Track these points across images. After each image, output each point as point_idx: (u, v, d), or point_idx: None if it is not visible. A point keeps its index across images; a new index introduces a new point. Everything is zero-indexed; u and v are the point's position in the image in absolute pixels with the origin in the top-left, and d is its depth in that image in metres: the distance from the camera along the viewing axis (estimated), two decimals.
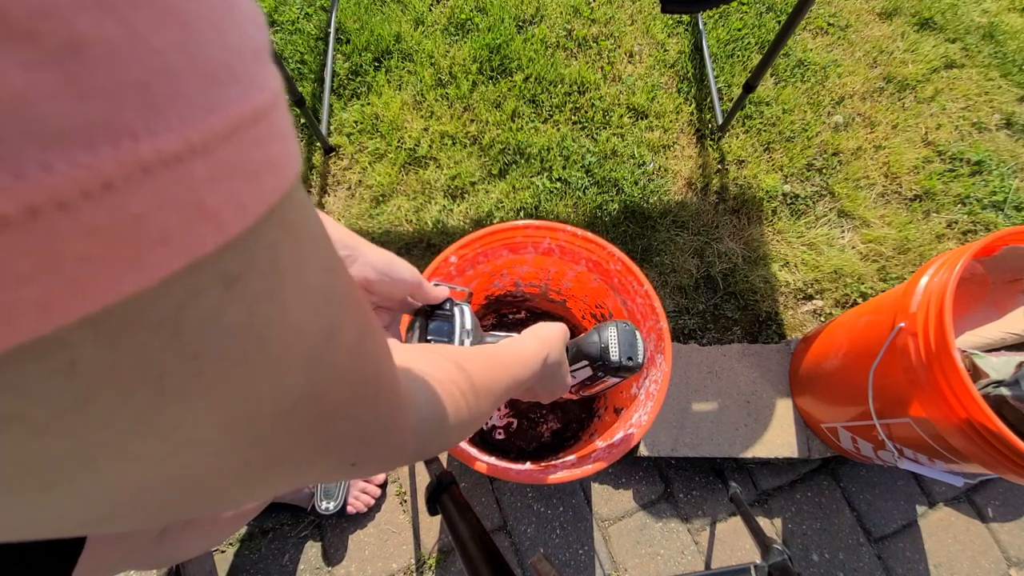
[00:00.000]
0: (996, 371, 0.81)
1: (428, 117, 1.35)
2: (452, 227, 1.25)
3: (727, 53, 1.46)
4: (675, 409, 1.09)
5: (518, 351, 0.48)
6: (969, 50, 1.53)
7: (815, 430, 1.08)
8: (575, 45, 1.45)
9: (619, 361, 0.61)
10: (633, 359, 0.62)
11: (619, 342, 0.62)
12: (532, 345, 0.50)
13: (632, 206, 1.28)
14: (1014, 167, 1.38)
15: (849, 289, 1.24)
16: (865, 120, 1.43)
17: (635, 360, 0.62)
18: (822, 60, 1.48)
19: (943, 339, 0.71)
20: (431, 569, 1.02)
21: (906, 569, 1.06)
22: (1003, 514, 1.11)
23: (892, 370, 0.81)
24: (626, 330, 0.63)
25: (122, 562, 0.56)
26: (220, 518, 0.72)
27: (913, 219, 1.32)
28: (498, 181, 1.29)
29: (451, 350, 0.40)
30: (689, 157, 1.35)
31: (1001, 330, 0.93)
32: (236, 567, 1.00)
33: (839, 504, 1.11)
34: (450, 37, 1.43)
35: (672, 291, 1.23)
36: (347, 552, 1.02)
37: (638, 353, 0.63)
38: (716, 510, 1.09)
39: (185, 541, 0.66)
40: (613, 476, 1.10)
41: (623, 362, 0.62)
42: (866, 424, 0.90)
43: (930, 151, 1.40)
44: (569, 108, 1.38)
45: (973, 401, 0.68)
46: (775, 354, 1.16)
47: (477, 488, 1.08)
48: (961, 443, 0.73)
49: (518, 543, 1.04)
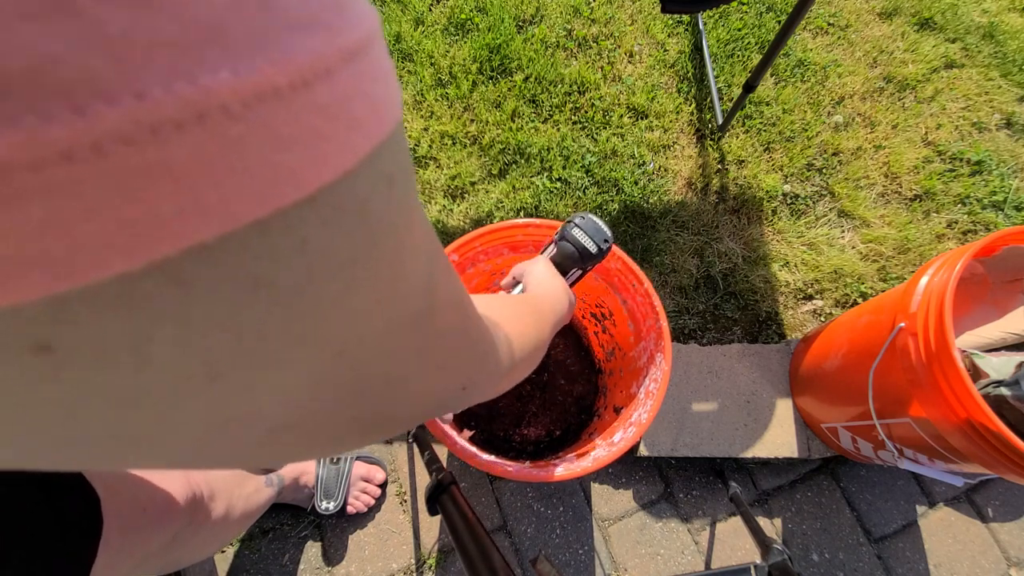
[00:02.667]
0: (996, 371, 0.81)
1: (428, 117, 1.35)
2: (452, 227, 1.25)
3: (727, 53, 1.46)
4: (675, 409, 1.09)
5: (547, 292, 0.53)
6: (969, 50, 1.53)
7: (815, 430, 1.08)
8: (575, 45, 1.45)
9: (599, 249, 0.67)
10: (608, 239, 0.67)
11: (588, 234, 0.67)
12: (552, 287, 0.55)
13: (632, 206, 1.28)
14: (1014, 167, 1.38)
15: (849, 289, 1.24)
16: (865, 120, 1.43)
17: (609, 240, 0.67)
18: (822, 60, 1.48)
19: (943, 339, 0.71)
20: (431, 569, 1.02)
21: (906, 569, 1.06)
22: (1003, 514, 1.11)
23: (892, 370, 0.81)
24: (585, 221, 0.68)
25: (136, 568, 0.56)
26: (230, 518, 0.73)
27: (913, 219, 1.32)
28: (498, 181, 1.29)
29: (500, 297, 0.43)
30: (689, 157, 1.35)
31: (1001, 330, 0.93)
32: (236, 567, 1.00)
33: (839, 504, 1.11)
34: (450, 37, 1.43)
35: (672, 291, 1.23)
36: (347, 552, 1.02)
37: (607, 232, 0.67)
38: (716, 510, 1.09)
39: (195, 544, 0.67)
40: (613, 476, 1.10)
41: (602, 248, 0.67)
42: (866, 424, 0.90)
43: (930, 151, 1.40)
44: (569, 108, 1.37)
45: (973, 401, 0.68)
46: (775, 354, 1.16)
47: (477, 488, 1.08)
48: (961, 443, 0.73)
49: (518, 543, 1.04)
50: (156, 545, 0.56)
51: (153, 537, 0.56)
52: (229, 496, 0.73)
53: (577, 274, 0.69)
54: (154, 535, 0.56)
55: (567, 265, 0.67)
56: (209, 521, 0.67)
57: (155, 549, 0.57)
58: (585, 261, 0.67)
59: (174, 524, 0.59)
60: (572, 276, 0.69)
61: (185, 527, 0.61)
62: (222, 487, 0.73)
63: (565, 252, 0.67)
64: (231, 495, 0.74)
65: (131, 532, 0.51)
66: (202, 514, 0.66)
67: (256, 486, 0.85)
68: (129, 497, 0.53)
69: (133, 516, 0.52)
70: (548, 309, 0.48)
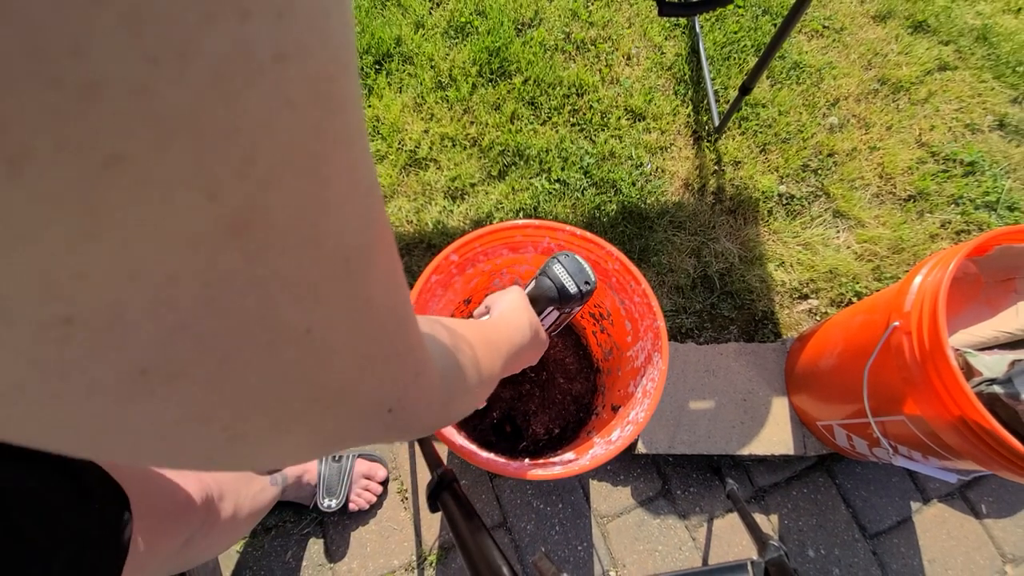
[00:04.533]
0: (989, 369, 0.82)
1: (428, 119, 1.36)
2: (452, 228, 1.26)
3: (723, 56, 1.47)
4: (672, 407, 1.10)
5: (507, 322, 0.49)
6: (962, 52, 1.55)
7: (811, 428, 1.10)
8: (573, 48, 1.47)
9: (579, 291, 0.64)
10: (589, 282, 0.65)
11: (570, 274, 0.64)
12: (515, 317, 0.51)
13: (630, 207, 1.29)
14: (1007, 168, 1.39)
15: (844, 288, 1.26)
16: (860, 121, 1.44)
17: (591, 283, 0.65)
18: (817, 62, 1.49)
19: (937, 338, 0.72)
20: (432, 566, 1.03)
21: (901, 565, 1.08)
22: (996, 510, 1.12)
23: (886, 368, 0.82)
24: (568, 260, 0.66)
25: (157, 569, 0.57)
26: (238, 517, 0.73)
27: (907, 219, 1.33)
28: (497, 182, 1.30)
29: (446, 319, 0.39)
30: (686, 158, 1.37)
31: (994, 329, 0.94)
32: (239, 564, 1.01)
33: (835, 500, 1.12)
34: (450, 40, 1.45)
35: (669, 291, 1.24)
36: (349, 549, 1.03)
37: (590, 275, 0.65)
38: (713, 507, 1.10)
39: (207, 544, 0.67)
40: (611, 473, 1.11)
41: (581, 289, 0.64)
42: (861, 422, 0.91)
43: (924, 152, 1.41)
44: (568, 110, 1.39)
45: (966, 399, 0.69)
46: (771, 353, 1.17)
47: (477, 486, 1.09)
48: (955, 440, 0.74)
49: (518, 540, 1.05)
50: (175, 545, 0.57)
51: (174, 538, 0.57)
52: (237, 495, 0.74)
53: (554, 315, 0.66)
54: (175, 536, 0.57)
55: (543, 303, 0.64)
56: (220, 521, 0.68)
57: (174, 549, 0.58)
58: (562, 301, 0.64)
59: (191, 525, 0.60)
60: (548, 316, 0.66)
61: (198, 528, 0.62)
62: (230, 487, 0.74)
63: (542, 287, 0.64)
64: (238, 494, 0.75)
65: (155, 534, 0.52)
66: (214, 515, 0.67)
67: (261, 485, 0.86)
68: (154, 499, 0.54)
69: (157, 517, 0.53)
70: (503, 339, 0.44)
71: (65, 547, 0.39)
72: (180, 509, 0.59)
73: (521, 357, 0.51)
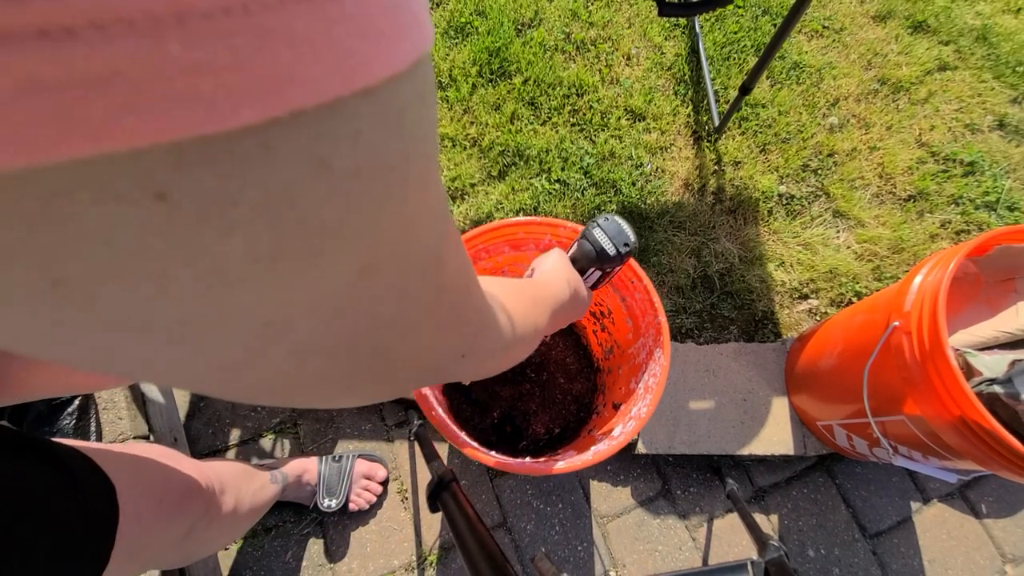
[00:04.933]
0: (989, 369, 0.82)
1: None
2: None
3: (723, 56, 1.47)
4: (672, 407, 1.10)
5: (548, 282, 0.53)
6: (962, 52, 1.55)
7: (811, 428, 1.10)
8: (573, 48, 1.47)
9: (617, 252, 0.66)
10: (628, 244, 0.67)
11: (609, 236, 0.66)
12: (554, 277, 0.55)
13: (630, 207, 1.29)
14: (1006, 168, 1.39)
15: (844, 288, 1.26)
16: (860, 121, 1.44)
17: (630, 244, 0.67)
18: (817, 62, 1.49)
19: (937, 337, 0.72)
20: (432, 566, 1.03)
21: (901, 565, 1.08)
22: (996, 510, 1.13)
23: (886, 368, 0.82)
24: (608, 222, 0.67)
25: (154, 559, 0.57)
26: (239, 512, 0.74)
27: (907, 219, 1.33)
28: (498, 182, 1.30)
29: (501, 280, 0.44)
30: (686, 158, 1.37)
31: (994, 328, 0.94)
32: (239, 564, 1.01)
33: (835, 500, 1.12)
34: (450, 40, 1.45)
35: (669, 291, 1.24)
36: (349, 549, 1.03)
37: (629, 236, 0.67)
38: (713, 507, 1.10)
39: (208, 538, 0.67)
40: (612, 473, 1.11)
41: (620, 251, 0.66)
42: (861, 422, 0.91)
43: (924, 152, 1.41)
44: (567, 110, 1.39)
45: (966, 399, 0.69)
46: (771, 353, 1.17)
47: (477, 486, 1.09)
48: (955, 440, 0.74)
49: (518, 540, 1.05)
50: (173, 536, 0.57)
51: (170, 528, 0.57)
52: (237, 490, 0.74)
53: (596, 275, 0.69)
54: (171, 526, 0.57)
55: (584, 264, 0.67)
56: (220, 515, 0.68)
57: (172, 541, 0.58)
58: (602, 262, 0.66)
59: (190, 515, 0.60)
60: (591, 276, 0.68)
61: (199, 519, 0.62)
62: (231, 482, 0.74)
63: (583, 250, 0.67)
64: (239, 490, 0.75)
65: (147, 522, 0.52)
66: (215, 507, 0.67)
67: (262, 482, 0.86)
68: (145, 487, 0.54)
69: (149, 506, 0.53)
70: (548, 295, 0.49)
71: (47, 536, 0.39)
72: (176, 498, 0.59)
73: (565, 312, 0.55)
